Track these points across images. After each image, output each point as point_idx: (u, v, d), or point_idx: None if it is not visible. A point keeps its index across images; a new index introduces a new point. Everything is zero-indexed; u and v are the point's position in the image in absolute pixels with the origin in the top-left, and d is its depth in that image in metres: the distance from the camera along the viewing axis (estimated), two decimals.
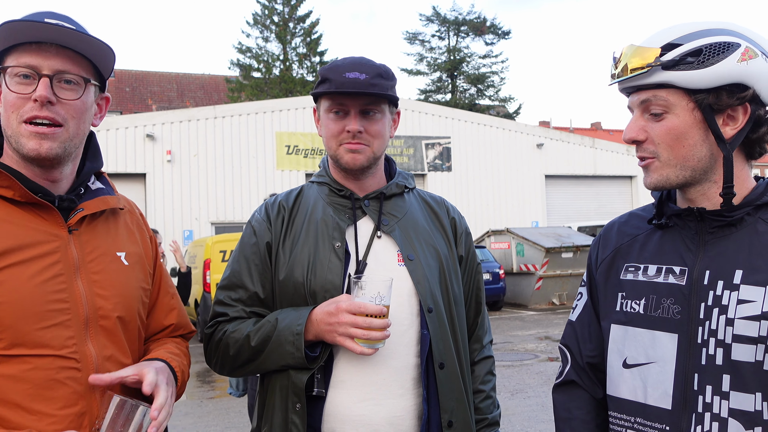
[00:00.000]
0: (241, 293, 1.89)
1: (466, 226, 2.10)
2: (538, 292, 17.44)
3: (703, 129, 1.43)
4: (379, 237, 1.90)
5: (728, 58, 1.38)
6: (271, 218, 1.94)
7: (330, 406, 1.79)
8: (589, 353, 1.68)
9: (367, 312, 1.68)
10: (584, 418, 1.66)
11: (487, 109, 38.26)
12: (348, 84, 1.82)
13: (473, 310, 2.06)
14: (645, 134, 1.49)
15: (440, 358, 1.83)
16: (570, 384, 1.71)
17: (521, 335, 12.82)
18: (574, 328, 1.73)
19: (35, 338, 1.45)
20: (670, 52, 1.42)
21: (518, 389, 8.30)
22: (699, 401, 1.41)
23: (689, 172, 1.46)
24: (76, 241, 1.57)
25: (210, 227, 20.25)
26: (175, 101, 38.91)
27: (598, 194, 25.63)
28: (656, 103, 1.45)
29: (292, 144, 21.59)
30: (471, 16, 39.28)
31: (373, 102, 1.87)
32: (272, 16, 33.61)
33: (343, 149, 1.87)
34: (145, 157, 19.94)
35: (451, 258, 1.97)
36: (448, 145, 23.65)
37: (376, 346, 1.71)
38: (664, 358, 1.47)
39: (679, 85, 1.42)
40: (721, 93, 1.40)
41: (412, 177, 2.09)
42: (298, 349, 1.74)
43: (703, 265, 1.45)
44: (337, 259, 1.84)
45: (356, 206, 1.93)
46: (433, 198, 2.09)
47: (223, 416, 7.61)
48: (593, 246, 1.74)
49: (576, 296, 1.77)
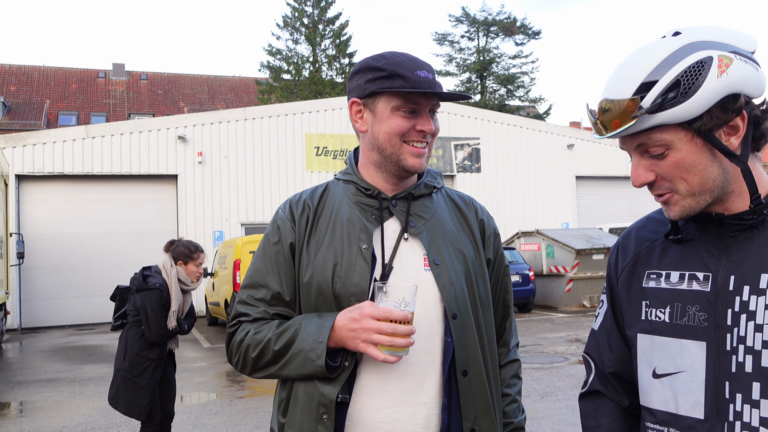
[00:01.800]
0: (264, 293, 1.85)
1: (495, 227, 2.04)
2: (569, 294, 17.28)
3: (707, 151, 1.39)
4: (405, 239, 1.85)
5: (707, 78, 1.32)
6: (295, 217, 1.89)
7: (353, 412, 1.76)
8: (610, 362, 1.66)
9: (391, 318, 1.64)
10: (610, 426, 1.64)
11: (517, 109, 38.04)
12: (423, 83, 1.78)
13: (500, 313, 2.01)
14: (654, 174, 1.44)
15: (463, 365, 1.79)
16: (595, 393, 1.69)
17: (551, 338, 12.71)
18: (596, 338, 1.70)
19: None
20: (649, 94, 1.36)
21: (548, 392, 8.23)
22: (730, 410, 1.38)
23: (709, 196, 1.42)
24: None
25: (240, 228, 20.43)
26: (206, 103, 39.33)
27: (629, 195, 25.29)
28: (654, 145, 1.41)
29: (321, 145, 21.68)
30: (501, 16, 39.11)
31: (437, 103, 1.85)
32: (302, 18, 33.82)
33: (407, 150, 1.81)
34: (176, 159, 20.19)
35: (479, 261, 1.92)
36: (478, 146, 23.55)
37: (399, 353, 1.66)
38: (693, 367, 1.44)
39: (672, 124, 1.37)
40: (712, 111, 1.35)
41: (440, 175, 2.03)
42: (320, 357, 1.70)
43: (728, 270, 1.42)
44: (364, 261, 1.79)
45: (383, 207, 1.87)
46: (461, 198, 2.03)
47: (253, 415, 7.67)
48: (612, 254, 1.70)
49: (598, 304, 1.75)
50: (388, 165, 1.85)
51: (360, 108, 1.88)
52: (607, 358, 1.66)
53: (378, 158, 1.87)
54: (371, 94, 1.82)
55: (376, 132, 1.84)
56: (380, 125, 1.83)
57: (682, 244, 1.52)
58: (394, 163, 1.84)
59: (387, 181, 1.89)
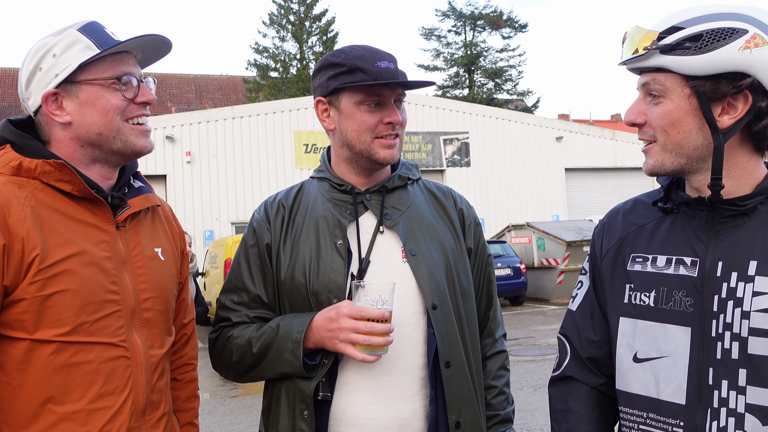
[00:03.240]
0: (243, 296, 1.86)
1: (476, 216, 2.02)
2: (560, 287, 17.32)
3: (699, 117, 1.40)
4: (381, 232, 1.84)
5: (729, 45, 1.34)
6: (270, 218, 1.90)
7: (336, 410, 1.75)
8: (590, 345, 1.64)
9: (368, 316, 1.63)
10: (580, 411, 1.63)
11: (506, 103, 38.04)
12: (385, 74, 1.75)
13: (484, 303, 1.99)
14: (644, 117, 1.46)
15: (446, 356, 1.77)
16: (567, 379, 1.67)
17: (543, 330, 12.74)
18: (575, 318, 1.68)
19: (93, 326, 1.53)
20: (669, 36, 1.39)
21: (541, 384, 8.24)
22: (714, 396, 1.38)
23: (684, 160, 1.43)
24: (122, 237, 1.65)
25: (230, 227, 20.38)
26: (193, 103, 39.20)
27: (619, 186, 25.37)
28: (654, 87, 1.43)
29: (310, 142, 21.63)
30: (487, 10, 39.05)
31: (402, 92, 1.83)
32: (288, 15, 33.69)
33: (378, 144, 1.80)
34: (165, 159, 20.10)
35: (459, 251, 1.90)
36: (467, 140, 23.56)
37: (378, 352, 1.65)
38: (677, 352, 1.44)
39: (674, 70, 1.39)
40: (720, 81, 1.36)
41: (416, 167, 2.02)
42: (297, 357, 1.71)
43: (716, 255, 1.41)
44: (340, 257, 1.79)
45: (357, 201, 1.86)
46: (439, 188, 2.01)
47: (246, 414, 7.65)
48: (596, 234, 1.69)
49: (576, 285, 1.73)
50: (359, 160, 1.85)
51: (326, 107, 1.87)
52: (587, 339, 1.65)
53: (349, 154, 1.86)
54: (334, 90, 1.81)
55: (344, 129, 1.83)
56: (347, 122, 1.82)
57: (671, 229, 1.51)
58: (366, 158, 1.83)
59: (359, 175, 1.89)
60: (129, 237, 1.67)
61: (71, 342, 1.50)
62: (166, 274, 1.75)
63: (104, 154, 1.65)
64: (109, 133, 1.63)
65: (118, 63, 1.64)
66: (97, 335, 1.53)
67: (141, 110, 1.68)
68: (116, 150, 1.65)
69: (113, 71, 1.63)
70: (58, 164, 1.55)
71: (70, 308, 1.50)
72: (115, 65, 1.64)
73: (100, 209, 1.62)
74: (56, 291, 1.49)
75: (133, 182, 1.78)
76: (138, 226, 1.72)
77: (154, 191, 1.83)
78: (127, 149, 1.65)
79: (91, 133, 1.62)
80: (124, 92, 1.63)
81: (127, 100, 1.64)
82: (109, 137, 1.63)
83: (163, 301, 1.71)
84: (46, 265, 1.48)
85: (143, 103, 1.67)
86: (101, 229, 1.60)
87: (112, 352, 1.56)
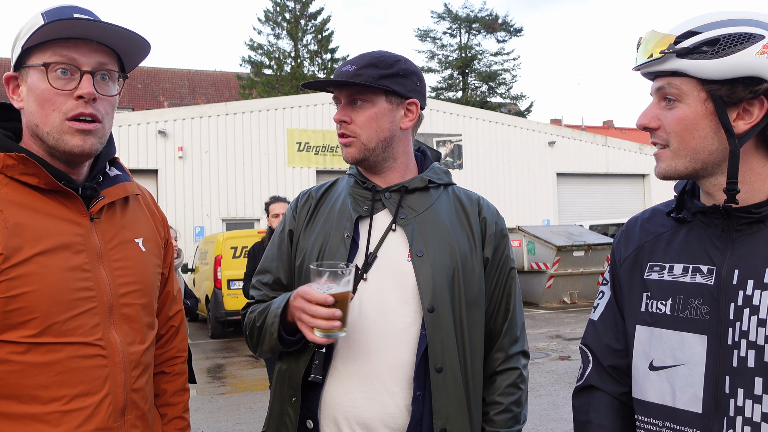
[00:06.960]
0: (268, 278, 1.99)
1: (503, 228, 1.98)
2: (549, 291, 17.37)
3: (714, 121, 1.40)
4: (394, 230, 1.87)
5: (746, 49, 1.34)
6: (298, 207, 2.01)
7: (326, 395, 1.81)
8: (616, 352, 1.63)
9: (311, 299, 1.66)
10: (601, 422, 1.62)
11: (499, 106, 38.11)
12: (337, 75, 1.86)
13: (501, 316, 1.93)
14: (658, 122, 1.46)
15: (438, 361, 1.76)
16: (589, 388, 1.66)
17: (532, 334, 12.76)
18: (596, 329, 1.67)
19: (64, 326, 1.46)
20: (687, 40, 1.39)
21: (529, 388, 8.22)
22: (730, 405, 1.37)
23: (699, 165, 1.43)
24: (98, 229, 1.58)
25: (221, 223, 20.30)
26: (186, 98, 39.04)
27: (610, 192, 25.49)
28: (669, 91, 1.43)
29: (303, 141, 21.59)
30: (483, 13, 39.14)
31: (359, 92, 1.84)
32: (284, 13, 33.61)
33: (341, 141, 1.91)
34: (156, 154, 20.00)
35: (473, 259, 1.88)
36: (459, 142, 23.59)
37: (331, 335, 1.66)
38: (693, 361, 1.43)
39: (691, 74, 1.39)
40: (736, 85, 1.36)
41: (446, 172, 2.01)
42: (276, 330, 1.80)
43: (732, 264, 1.41)
44: (344, 248, 1.84)
45: (376, 198, 1.91)
46: (468, 196, 2.00)
47: (234, 412, 7.62)
48: (616, 243, 1.69)
49: (597, 295, 1.72)
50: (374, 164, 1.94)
51: None
52: (609, 348, 1.64)
53: None
54: None
55: None
56: None
57: (687, 238, 1.51)
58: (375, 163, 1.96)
59: (368, 173, 1.96)
60: (105, 229, 1.59)
61: (41, 343, 1.44)
62: (148, 265, 1.68)
63: (50, 149, 1.54)
64: (44, 127, 1.51)
65: (63, 49, 1.49)
66: (69, 335, 1.46)
67: (80, 107, 1.50)
68: (52, 146, 1.52)
69: (48, 57, 1.49)
70: (20, 157, 1.46)
71: (38, 309, 1.43)
72: (59, 51, 1.49)
73: (72, 201, 1.53)
74: (22, 292, 1.41)
75: (109, 170, 1.68)
76: (115, 216, 1.64)
77: (133, 179, 1.75)
78: (59, 147, 1.51)
79: (31, 124, 1.54)
80: (52, 81, 1.49)
81: (61, 91, 1.49)
82: (44, 132, 1.52)
83: (144, 294, 1.64)
84: (10, 265, 1.41)
85: (81, 98, 1.50)
86: (74, 222, 1.52)
87: (86, 351, 1.48)
